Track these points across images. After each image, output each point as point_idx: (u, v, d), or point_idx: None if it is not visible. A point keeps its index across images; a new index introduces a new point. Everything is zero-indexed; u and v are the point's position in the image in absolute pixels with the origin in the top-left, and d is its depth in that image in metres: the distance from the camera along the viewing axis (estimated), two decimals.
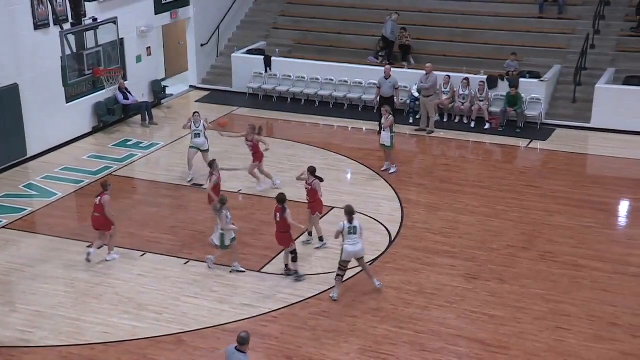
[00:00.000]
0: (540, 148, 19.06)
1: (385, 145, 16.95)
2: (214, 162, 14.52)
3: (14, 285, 12.93)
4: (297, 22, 24.36)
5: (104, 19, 19.10)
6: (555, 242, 14.23)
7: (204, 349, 11.16)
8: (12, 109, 17.29)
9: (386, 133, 16.85)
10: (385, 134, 16.87)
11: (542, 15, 22.55)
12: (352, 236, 12.11)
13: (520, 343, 11.30)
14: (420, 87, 19.89)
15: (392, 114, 16.92)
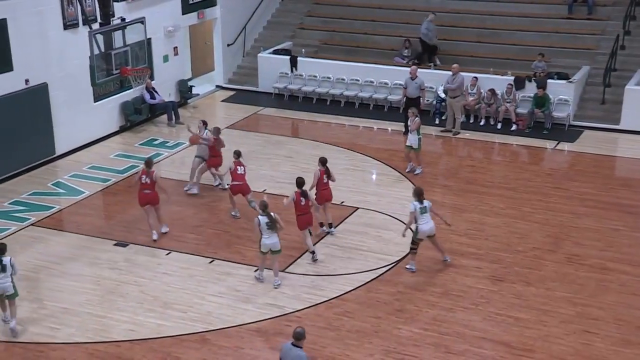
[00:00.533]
0: (568, 150, 18.88)
1: (413, 147, 16.81)
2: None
3: (42, 282, 13.09)
4: (323, 23, 24.37)
5: (132, 19, 19.31)
6: (582, 245, 14.09)
7: (228, 347, 11.21)
8: (41, 108, 17.50)
9: (413, 135, 16.72)
10: (412, 136, 16.74)
11: (571, 15, 22.33)
12: (424, 215, 12.78)
13: (546, 346, 11.21)
14: (446, 88, 19.80)
15: (418, 115, 16.84)
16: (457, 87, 19.52)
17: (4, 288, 11.40)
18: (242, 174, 14.77)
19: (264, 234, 12.45)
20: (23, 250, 13.98)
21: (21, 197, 16.14)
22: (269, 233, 12.45)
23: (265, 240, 12.47)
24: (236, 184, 14.77)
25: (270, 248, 12.52)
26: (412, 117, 16.75)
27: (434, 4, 23.65)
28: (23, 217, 15.23)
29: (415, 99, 18.81)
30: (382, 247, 14.02)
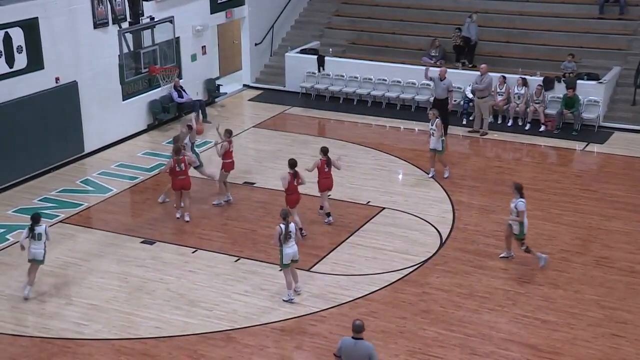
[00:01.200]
0: (597, 151, 18.66)
1: (437, 150, 16.58)
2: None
3: (70, 278, 13.22)
4: (351, 22, 24.34)
5: (161, 18, 19.44)
6: (611, 248, 13.92)
7: (252, 346, 11.24)
8: (71, 106, 17.69)
9: (436, 137, 16.43)
10: (435, 139, 16.43)
11: (602, 15, 22.07)
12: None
13: (574, 349, 11.09)
14: (474, 88, 19.67)
15: (438, 117, 16.55)
16: (485, 88, 19.38)
17: (34, 254, 12.31)
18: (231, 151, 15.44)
19: (285, 244, 12.02)
20: (52, 247, 14.11)
21: (50, 194, 16.33)
22: (289, 242, 12.07)
23: (287, 249, 12.02)
24: (228, 161, 15.35)
25: (291, 258, 12.13)
26: (433, 118, 16.44)
27: (462, 4, 23.52)
28: (52, 214, 15.40)
29: (443, 101, 18.68)
30: (408, 247, 13.98)
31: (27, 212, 15.31)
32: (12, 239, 14.35)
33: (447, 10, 23.59)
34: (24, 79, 16.57)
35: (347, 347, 8.89)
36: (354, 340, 8.85)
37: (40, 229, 12.32)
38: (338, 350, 9.04)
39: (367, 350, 8.83)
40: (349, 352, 8.88)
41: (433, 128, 16.33)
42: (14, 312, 12.21)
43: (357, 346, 8.81)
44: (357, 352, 8.81)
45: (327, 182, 14.61)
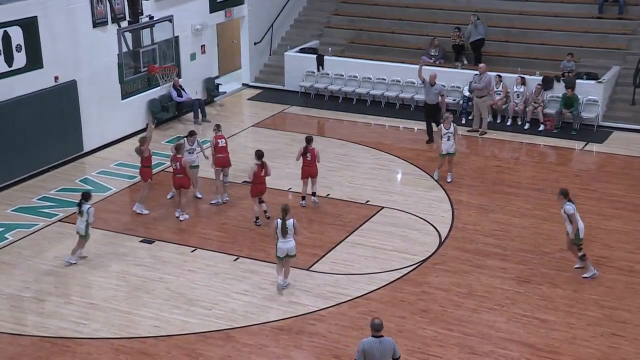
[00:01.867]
0: (597, 151, 18.66)
1: (450, 153, 16.27)
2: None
3: (69, 277, 13.22)
4: (350, 22, 24.34)
5: (160, 17, 19.45)
6: (611, 247, 13.92)
7: (252, 345, 11.24)
8: (70, 105, 17.68)
9: (450, 141, 16.12)
10: (450, 142, 16.12)
11: (601, 15, 22.07)
12: (578, 215, 12.64)
13: (573, 349, 11.09)
14: (473, 88, 19.66)
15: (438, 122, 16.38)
16: (483, 87, 19.37)
17: (77, 228, 13.35)
18: (224, 146, 15.55)
19: (280, 238, 12.21)
20: (51, 246, 14.15)
21: (49, 193, 16.32)
22: (284, 237, 12.22)
23: (281, 244, 12.23)
24: (220, 156, 15.44)
25: (287, 252, 12.31)
26: (449, 122, 16.20)
27: (461, 3, 23.53)
28: (51, 212, 15.40)
29: (434, 106, 18.55)
30: (407, 246, 13.98)
31: (26, 211, 15.36)
32: (12, 238, 14.35)
33: (447, 9, 23.60)
34: (23, 78, 16.56)
35: (372, 347, 8.87)
36: (377, 338, 8.89)
37: (84, 208, 13.18)
38: (360, 354, 8.93)
39: (391, 345, 8.95)
40: (374, 351, 8.86)
41: (450, 132, 16.11)
42: (13, 311, 12.21)
43: (382, 344, 8.87)
44: (382, 349, 8.87)
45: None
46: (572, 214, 12.61)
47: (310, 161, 15.11)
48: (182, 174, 14.83)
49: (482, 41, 21.57)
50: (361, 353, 8.92)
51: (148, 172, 15.36)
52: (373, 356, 8.88)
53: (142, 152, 15.25)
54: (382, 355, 8.87)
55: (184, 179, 14.86)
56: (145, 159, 15.30)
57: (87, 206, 13.25)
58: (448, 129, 16.17)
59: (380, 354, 8.86)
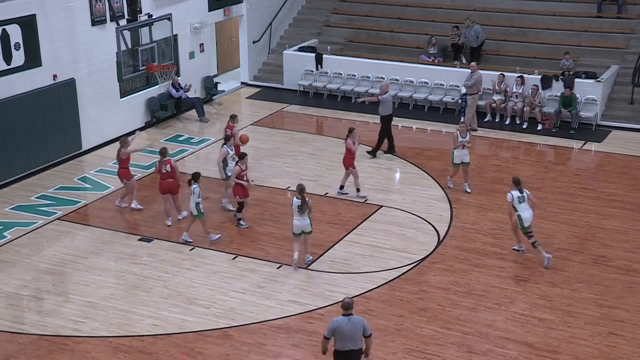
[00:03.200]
0: (595, 150, 18.68)
1: (464, 162, 15.87)
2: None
3: (68, 276, 13.22)
4: (349, 20, 24.34)
5: (159, 15, 19.45)
6: (609, 246, 13.93)
7: (250, 344, 11.24)
8: (68, 103, 17.67)
9: (463, 150, 15.74)
10: (463, 151, 15.75)
11: (600, 14, 22.09)
12: (523, 204, 13.04)
13: (571, 348, 11.10)
14: (464, 85, 19.68)
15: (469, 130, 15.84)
16: (473, 84, 19.37)
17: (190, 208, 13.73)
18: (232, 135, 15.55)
19: (296, 216, 12.88)
20: (49, 244, 14.15)
21: (48, 191, 16.31)
22: (300, 215, 12.86)
23: (296, 221, 12.91)
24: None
25: (302, 230, 12.98)
26: (465, 131, 15.81)
27: (460, 2, 23.54)
28: (50, 211, 15.39)
29: (388, 117, 17.72)
30: (406, 245, 13.98)
31: (25, 209, 15.35)
32: (10, 236, 14.34)
33: (445, 8, 23.61)
34: (22, 76, 16.55)
35: (341, 325, 9.34)
36: (347, 317, 9.37)
37: (192, 187, 13.54)
38: (330, 332, 9.42)
39: (360, 323, 9.42)
40: (344, 329, 9.33)
41: (467, 140, 15.76)
42: (11, 310, 12.21)
43: (351, 321, 9.37)
44: (352, 327, 9.36)
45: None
46: (510, 202, 13.15)
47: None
48: (172, 177, 14.49)
49: (481, 43, 21.65)
50: (330, 331, 9.39)
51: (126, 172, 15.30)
52: (343, 333, 9.34)
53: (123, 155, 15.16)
54: (352, 333, 9.34)
55: (173, 184, 14.55)
56: (123, 161, 15.28)
57: (194, 186, 13.50)
58: (464, 136, 15.80)
59: (350, 332, 9.33)
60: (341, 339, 9.40)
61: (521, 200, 13.07)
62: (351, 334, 9.37)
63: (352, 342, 9.42)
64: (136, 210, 15.33)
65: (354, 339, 9.41)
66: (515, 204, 13.07)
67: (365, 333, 9.48)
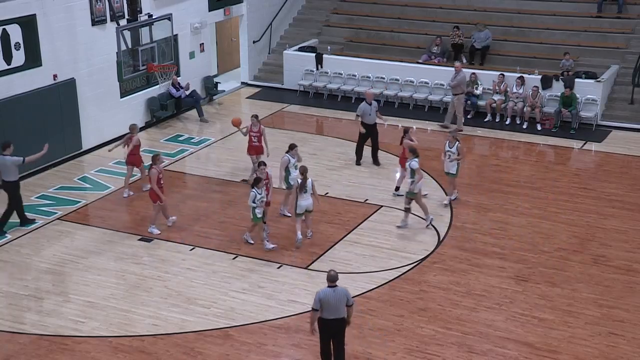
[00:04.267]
0: (595, 150, 18.68)
1: (451, 173, 15.38)
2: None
3: (68, 276, 13.22)
4: (349, 20, 24.34)
5: (159, 15, 19.44)
6: (609, 246, 13.93)
7: (250, 344, 11.24)
8: (69, 103, 17.67)
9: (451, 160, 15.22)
10: (450, 162, 15.23)
11: (600, 14, 22.09)
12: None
13: (571, 347, 11.10)
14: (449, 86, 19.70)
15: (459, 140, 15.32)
16: (457, 85, 19.37)
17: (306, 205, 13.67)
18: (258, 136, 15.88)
19: (300, 196, 13.42)
20: (49, 244, 14.15)
21: (48, 191, 16.31)
22: (305, 195, 13.43)
23: (301, 201, 13.46)
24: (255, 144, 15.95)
25: (305, 208, 13.57)
26: (453, 141, 15.16)
27: (460, 2, 23.54)
28: (50, 211, 15.39)
29: (374, 126, 17.35)
30: (406, 245, 13.99)
31: (25, 209, 15.31)
32: (10, 236, 14.34)
33: (446, 8, 23.61)
34: (22, 76, 16.55)
35: (327, 296, 10.04)
36: (331, 288, 10.08)
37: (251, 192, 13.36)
38: (317, 303, 10.04)
39: (344, 293, 10.14)
40: (330, 299, 10.03)
41: (452, 151, 15.15)
42: (11, 310, 12.21)
43: (336, 292, 10.08)
44: (336, 297, 10.06)
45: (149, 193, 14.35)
46: (417, 169, 14.04)
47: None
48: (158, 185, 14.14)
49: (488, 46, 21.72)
50: (317, 302, 10.04)
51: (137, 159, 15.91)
52: (328, 303, 10.03)
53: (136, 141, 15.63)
54: (336, 302, 10.03)
55: (150, 192, 14.20)
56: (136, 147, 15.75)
57: (251, 191, 13.35)
58: (451, 147, 15.22)
59: (335, 302, 10.03)
60: (327, 309, 10.06)
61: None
62: (336, 304, 10.05)
63: (337, 311, 10.10)
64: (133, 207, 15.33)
65: (338, 308, 10.09)
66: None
67: (348, 303, 10.14)
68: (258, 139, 15.96)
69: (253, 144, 15.99)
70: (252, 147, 16.04)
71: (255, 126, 15.95)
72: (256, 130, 15.94)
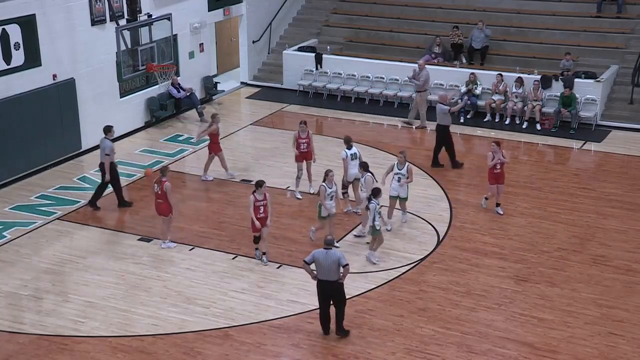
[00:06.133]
0: (595, 150, 18.68)
1: (400, 197, 14.45)
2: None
3: (67, 275, 13.21)
4: (349, 20, 24.33)
5: (159, 15, 19.44)
6: (608, 246, 13.93)
7: (250, 343, 11.24)
8: (68, 103, 17.66)
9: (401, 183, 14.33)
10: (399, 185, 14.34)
11: (600, 14, 22.08)
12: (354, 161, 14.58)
13: (570, 347, 11.10)
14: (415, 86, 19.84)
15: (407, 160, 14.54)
16: (423, 83, 19.57)
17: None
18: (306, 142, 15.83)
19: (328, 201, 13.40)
20: (49, 244, 14.14)
21: (47, 191, 16.31)
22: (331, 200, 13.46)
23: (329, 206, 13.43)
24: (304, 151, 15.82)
25: (329, 213, 13.50)
26: (403, 162, 14.48)
27: (460, 2, 23.53)
28: (49, 211, 15.39)
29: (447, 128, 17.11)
30: (405, 245, 13.98)
31: (24, 209, 15.35)
32: (10, 236, 14.34)
33: (445, 8, 23.60)
34: (21, 76, 16.55)
35: (318, 256, 10.91)
36: (325, 250, 10.91)
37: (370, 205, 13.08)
38: (310, 257, 11.01)
39: (336, 256, 10.90)
40: (320, 260, 10.89)
41: (402, 173, 14.47)
42: (11, 309, 12.21)
43: (328, 254, 10.88)
44: (328, 259, 10.87)
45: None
46: (344, 159, 14.57)
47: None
48: (161, 199, 13.66)
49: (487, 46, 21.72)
50: (311, 256, 11.02)
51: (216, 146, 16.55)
52: (320, 264, 10.92)
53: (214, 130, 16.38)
54: (328, 265, 10.86)
55: (161, 206, 13.67)
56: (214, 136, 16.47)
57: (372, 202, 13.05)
58: (401, 168, 14.48)
59: (326, 264, 10.87)
60: (319, 269, 10.96)
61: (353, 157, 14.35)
62: (327, 266, 10.86)
63: (328, 273, 10.90)
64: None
65: (330, 271, 10.89)
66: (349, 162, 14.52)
67: (341, 263, 10.91)
68: (307, 145, 15.79)
69: (302, 150, 15.73)
70: (301, 154, 15.74)
71: (304, 132, 15.78)
72: (305, 137, 15.76)
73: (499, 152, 14.72)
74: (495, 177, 14.87)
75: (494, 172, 14.82)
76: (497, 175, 14.86)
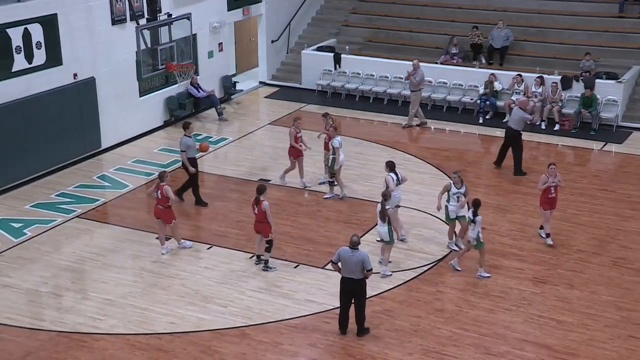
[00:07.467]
0: (615, 151, 18.51)
1: (384, 240, 12.93)
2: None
3: (87, 273, 13.31)
4: (368, 20, 24.30)
5: (178, 14, 19.52)
6: (629, 248, 13.81)
7: (267, 343, 11.26)
8: (88, 101, 17.78)
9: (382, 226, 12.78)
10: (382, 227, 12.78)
11: (622, 14, 21.89)
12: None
13: (590, 350, 11.02)
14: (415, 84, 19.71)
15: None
16: (419, 82, 19.57)
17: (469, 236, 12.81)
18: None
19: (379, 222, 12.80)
20: (68, 242, 14.25)
21: (67, 189, 16.43)
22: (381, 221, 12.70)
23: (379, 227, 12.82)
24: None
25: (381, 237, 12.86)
26: (459, 180, 13.56)
27: (480, 2, 23.43)
28: (69, 209, 15.50)
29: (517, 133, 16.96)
30: (423, 245, 13.94)
31: (45, 207, 15.47)
32: (30, 234, 14.46)
33: (465, 8, 23.50)
34: (43, 75, 16.68)
35: (344, 255, 11.01)
36: (351, 249, 10.98)
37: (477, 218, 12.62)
38: (336, 256, 11.10)
39: (361, 257, 10.94)
40: (346, 258, 10.97)
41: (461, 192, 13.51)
42: (31, 306, 12.31)
43: (353, 254, 10.95)
44: (353, 259, 10.93)
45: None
46: (337, 148, 15.14)
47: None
48: (160, 204, 13.50)
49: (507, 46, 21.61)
50: (337, 255, 11.12)
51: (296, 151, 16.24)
52: (345, 262, 11.02)
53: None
54: (353, 265, 10.93)
55: (161, 211, 13.51)
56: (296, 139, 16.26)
57: (479, 217, 12.56)
58: (459, 187, 13.54)
59: (351, 263, 10.95)
60: (344, 266, 11.05)
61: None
62: (352, 266, 10.93)
63: (352, 272, 10.99)
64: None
65: (354, 270, 10.95)
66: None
67: (366, 267, 10.95)
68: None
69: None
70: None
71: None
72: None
73: (554, 175, 13.76)
74: (550, 202, 13.72)
75: (548, 197, 13.72)
76: (552, 200, 13.75)
